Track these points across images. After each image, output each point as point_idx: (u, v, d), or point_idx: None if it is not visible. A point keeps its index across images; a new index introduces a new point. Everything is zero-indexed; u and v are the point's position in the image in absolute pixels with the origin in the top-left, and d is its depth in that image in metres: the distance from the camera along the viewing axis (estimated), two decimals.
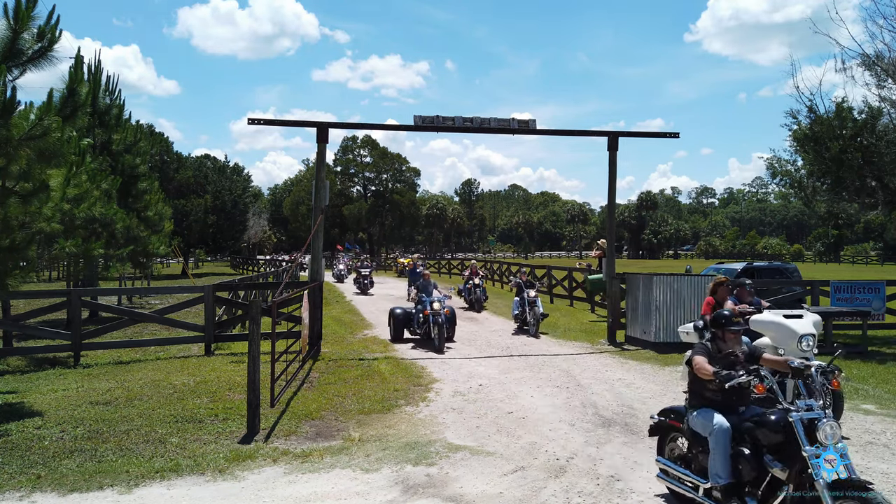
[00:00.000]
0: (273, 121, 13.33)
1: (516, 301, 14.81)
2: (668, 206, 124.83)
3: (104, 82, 16.79)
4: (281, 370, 8.31)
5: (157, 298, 22.26)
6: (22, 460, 5.86)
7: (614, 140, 13.36)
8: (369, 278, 26.58)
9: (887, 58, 13.49)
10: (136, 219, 15.37)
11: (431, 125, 12.43)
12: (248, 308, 7.39)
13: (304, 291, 10.48)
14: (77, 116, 8.35)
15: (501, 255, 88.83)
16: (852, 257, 72.84)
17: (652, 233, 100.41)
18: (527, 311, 14.25)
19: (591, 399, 8.22)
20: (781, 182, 17.39)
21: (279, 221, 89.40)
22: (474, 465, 5.78)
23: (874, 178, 13.90)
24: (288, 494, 5.14)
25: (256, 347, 6.81)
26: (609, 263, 13.90)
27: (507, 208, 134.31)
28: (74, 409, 7.57)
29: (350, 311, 19.41)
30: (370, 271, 27.25)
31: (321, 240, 12.53)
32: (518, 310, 14.63)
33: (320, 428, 7.00)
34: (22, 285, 9.21)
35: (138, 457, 5.95)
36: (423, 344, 12.72)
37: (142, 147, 17.53)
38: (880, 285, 14.16)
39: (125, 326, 12.75)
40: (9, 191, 7.07)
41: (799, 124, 14.63)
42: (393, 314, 13.50)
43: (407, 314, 13.38)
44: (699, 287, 12.10)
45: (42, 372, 10.05)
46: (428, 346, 12.42)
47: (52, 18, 7.11)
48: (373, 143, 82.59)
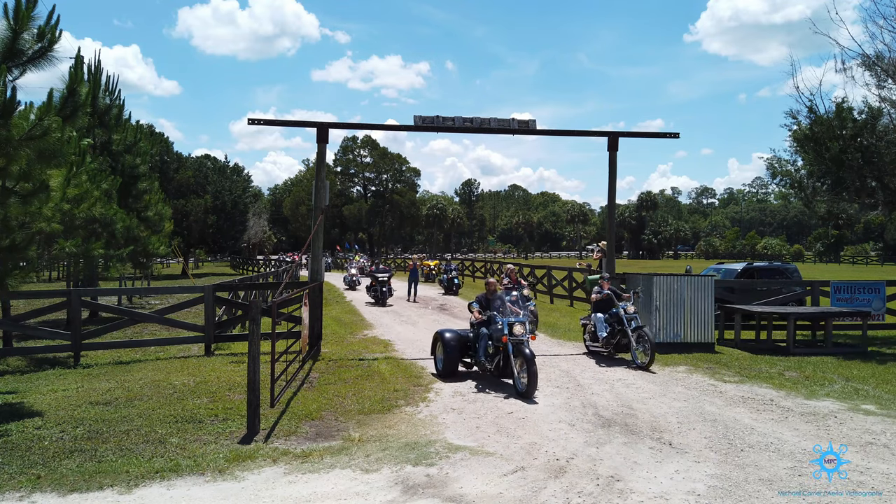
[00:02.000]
0: (273, 121, 13.34)
1: (600, 318, 11.11)
2: (668, 207, 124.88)
3: (104, 82, 16.81)
4: (281, 370, 8.31)
5: (157, 298, 22.27)
6: (22, 460, 5.86)
7: (614, 140, 13.36)
8: (388, 285, 21.07)
9: (887, 58, 13.50)
10: (136, 219, 15.36)
11: (431, 125, 12.43)
12: (248, 308, 7.39)
13: (304, 291, 10.48)
14: (77, 116, 8.34)
15: (502, 255, 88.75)
16: (852, 257, 72.84)
17: (652, 233, 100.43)
18: (629, 333, 10.48)
19: (590, 399, 8.21)
20: (781, 182, 17.42)
21: (279, 221, 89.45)
22: (474, 466, 5.78)
23: (874, 179, 13.90)
24: (288, 495, 5.14)
25: (256, 347, 6.81)
26: (609, 263, 13.90)
27: (507, 208, 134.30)
28: (74, 409, 7.57)
29: (350, 311, 19.40)
30: (389, 276, 21.39)
31: (321, 240, 12.54)
32: (606, 331, 10.98)
33: (320, 428, 7.00)
34: (22, 285, 9.19)
35: (138, 457, 5.95)
36: (494, 385, 9.00)
37: (142, 147, 17.53)
38: (880, 286, 14.17)
39: (125, 326, 12.76)
40: (9, 191, 7.08)
41: (799, 124, 14.65)
42: (443, 340, 9.74)
43: (462, 340, 9.75)
44: (699, 287, 12.10)
45: (42, 372, 10.05)
46: (500, 388, 8.79)
47: (52, 18, 7.12)
48: (373, 144, 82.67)
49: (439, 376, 9.63)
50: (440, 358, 9.85)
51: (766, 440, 6.34)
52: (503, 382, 9.08)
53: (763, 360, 11.08)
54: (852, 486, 5.32)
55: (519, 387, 8.36)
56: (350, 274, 29.84)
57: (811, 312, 12.72)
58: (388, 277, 21.07)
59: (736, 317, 12.94)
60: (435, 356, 10.03)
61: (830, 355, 11.55)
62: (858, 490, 5.26)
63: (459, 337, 9.81)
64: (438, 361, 9.89)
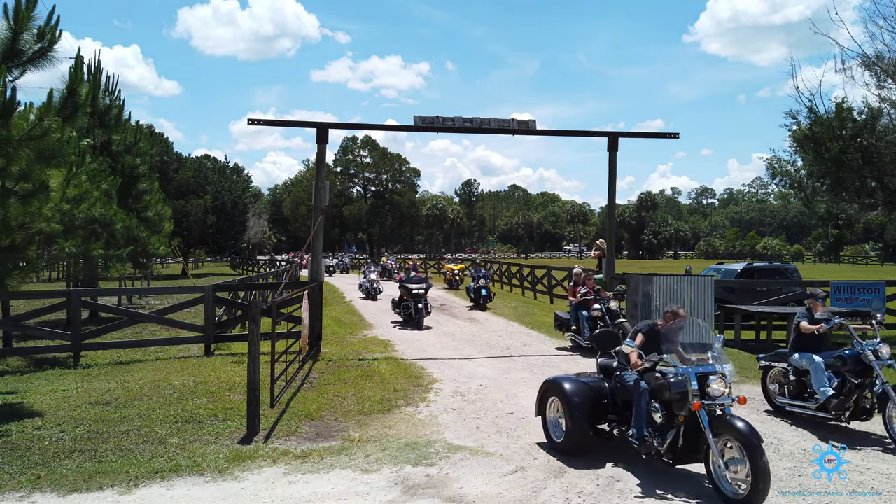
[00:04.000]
0: (273, 121, 13.35)
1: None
2: (668, 207, 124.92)
3: (104, 83, 16.80)
4: (281, 370, 8.31)
5: (157, 299, 22.26)
6: (22, 461, 5.86)
7: (614, 140, 13.36)
8: (425, 300, 15.23)
9: (887, 58, 13.50)
10: (136, 219, 15.36)
11: (432, 125, 12.43)
12: (248, 308, 7.39)
13: (304, 292, 10.48)
14: (77, 117, 8.35)
15: (502, 255, 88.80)
16: (852, 258, 72.86)
17: (652, 233, 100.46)
18: None
19: None
20: (781, 182, 17.44)
21: (279, 222, 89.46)
22: (474, 466, 5.78)
23: (874, 179, 13.91)
24: (288, 495, 5.14)
25: (256, 348, 6.81)
26: (609, 264, 13.90)
27: (507, 209, 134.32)
28: (74, 409, 7.57)
29: (350, 311, 19.40)
30: (426, 288, 15.42)
31: (321, 240, 12.54)
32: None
33: (320, 428, 7.00)
34: (22, 285, 9.21)
35: (138, 457, 5.95)
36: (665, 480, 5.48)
37: (142, 147, 17.53)
38: (880, 286, 14.16)
39: (125, 327, 12.76)
40: (9, 191, 7.08)
41: (799, 125, 14.65)
42: (563, 395, 6.14)
43: (595, 393, 6.19)
44: (700, 287, 12.10)
45: (42, 372, 10.05)
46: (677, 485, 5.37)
47: (52, 19, 7.13)
48: (373, 144, 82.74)
49: (557, 450, 6.19)
50: (558, 423, 6.29)
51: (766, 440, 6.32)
52: (680, 472, 5.59)
53: None
54: (852, 486, 5.33)
55: (725, 490, 4.94)
56: (368, 280, 23.11)
57: None
58: (426, 289, 15.30)
59: (736, 317, 12.93)
60: (545, 417, 6.49)
61: None
62: (858, 490, 5.26)
63: (590, 389, 6.17)
64: (555, 428, 6.36)
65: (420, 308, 15.01)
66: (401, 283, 16.29)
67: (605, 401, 6.17)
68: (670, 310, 6.28)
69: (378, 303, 21.39)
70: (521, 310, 18.79)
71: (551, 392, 6.37)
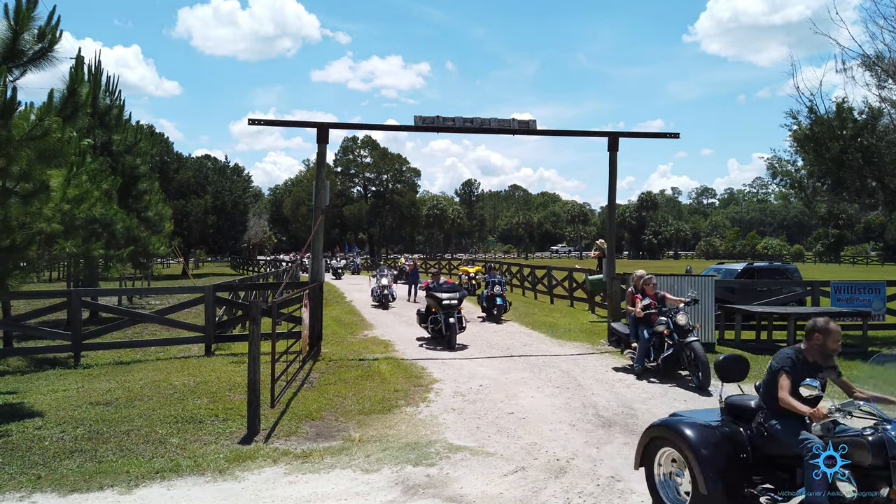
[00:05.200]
0: (273, 121, 13.35)
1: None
2: (668, 207, 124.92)
3: (104, 83, 16.81)
4: (281, 370, 8.32)
5: (158, 299, 22.26)
6: (22, 460, 5.86)
7: (614, 140, 13.35)
8: (459, 312, 12.73)
9: (887, 58, 13.49)
10: (137, 219, 15.38)
11: (432, 126, 12.43)
12: (249, 308, 7.39)
13: (305, 292, 10.48)
14: (77, 117, 8.35)
15: (503, 256, 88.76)
16: (852, 258, 72.87)
17: (652, 233, 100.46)
18: None
19: (591, 400, 8.21)
20: (782, 182, 17.43)
21: (279, 222, 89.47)
22: (474, 466, 5.78)
23: (874, 179, 13.90)
24: (288, 495, 5.14)
25: (256, 348, 6.81)
26: (609, 264, 13.90)
27: (508, 209, 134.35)
28: (75, 409, 7.57)
29: (350, 311, 19.40)
30: (460, 298, 12.82)
31: (321, 240, 12.54)
32: None
33: (320, 428, 7.00)
34: (22, 286, 9.21)
35: (138, 457, 5.95)
36: None
37: (142, 147, 17.54)
38: (880, 286, 14.16)
39: (125, 327, 12.76)
40: (9, 191, 7.08)
41: (799, 125, 14.64)
42: (690, 446, 4.36)
43: (733, 443, 4.49)
44: (700, 287, 12.09)
45: (42, 372, 10.05)
46: None
47: (52, 19, 7.13)
48: (373, 144, 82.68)
49: None
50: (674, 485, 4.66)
51: None
52: None
53: (763, 361, 11.05)
54: None
55: None
56: (380, 285, 20.49)
57: (811, 313, 12.71)
58: (459, 300, 12.73)
59: (736, 317, 12.93)
60: (652, 475, 4.79)
61: None
62: None
63: (723, 438, 4.46)
64: (668, 490, 4.69)
65: (452, 323, 12.34)
66: (428, 292, 13.32)
67: (744, 454, 4.44)
68: (821, 326, 4.59)
69: (389, 312, 19.00)
70: (521, 310, 18.80)
71: (664, 441, 4.60)
